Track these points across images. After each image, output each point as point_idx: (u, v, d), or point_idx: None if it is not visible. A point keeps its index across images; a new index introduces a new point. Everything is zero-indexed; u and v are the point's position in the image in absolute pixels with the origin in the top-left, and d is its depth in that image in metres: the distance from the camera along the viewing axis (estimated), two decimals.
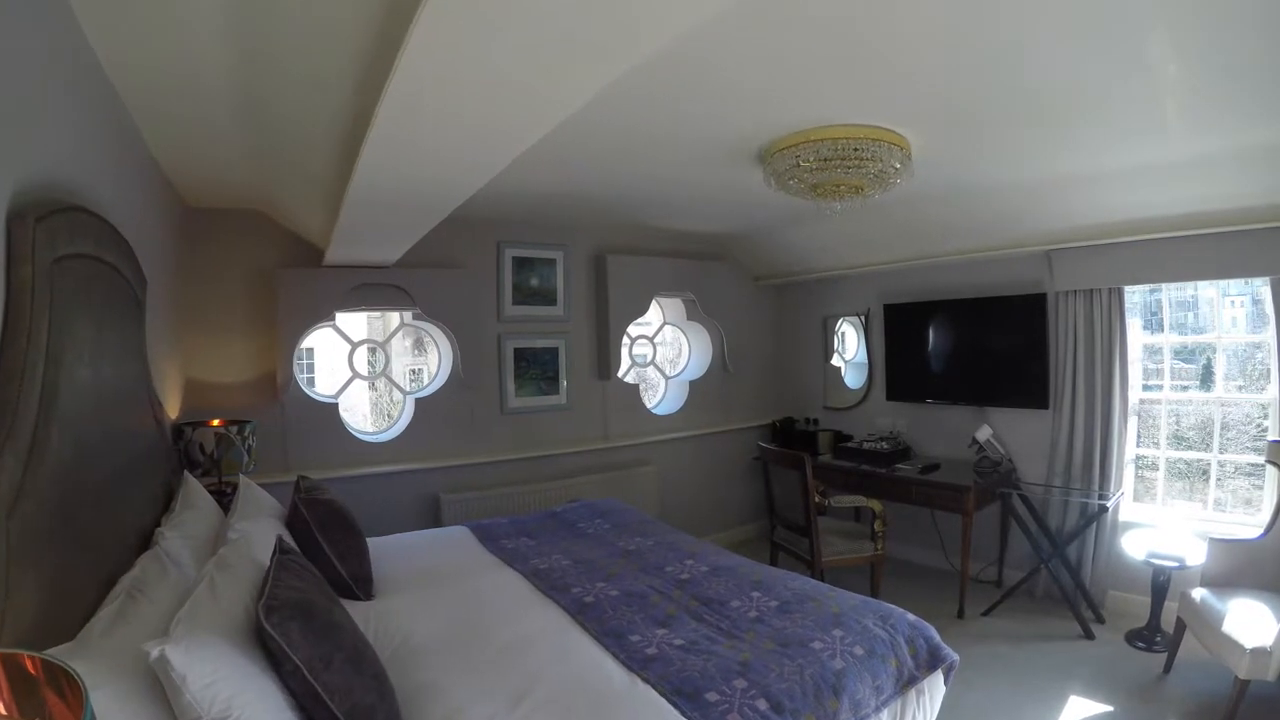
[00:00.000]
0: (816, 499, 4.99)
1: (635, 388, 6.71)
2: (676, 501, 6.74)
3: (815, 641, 2.91)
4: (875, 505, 5.18)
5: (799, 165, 3.68)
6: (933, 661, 3.04)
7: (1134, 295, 5.42)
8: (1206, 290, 5.36)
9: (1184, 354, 5.54)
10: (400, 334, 6.20)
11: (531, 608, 3.30)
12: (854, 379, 7.24)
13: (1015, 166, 4.44)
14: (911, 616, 3.23)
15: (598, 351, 6.36)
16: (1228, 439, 5.27)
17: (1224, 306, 5.21)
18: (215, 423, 4.10)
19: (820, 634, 2.97)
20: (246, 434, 4.17)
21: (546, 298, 6.03)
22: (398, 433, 5.41)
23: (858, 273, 6.79)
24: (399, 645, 2.87)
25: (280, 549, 2.40)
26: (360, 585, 3.42)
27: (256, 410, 4.66)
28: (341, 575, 3.35)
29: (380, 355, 5.76)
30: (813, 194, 3.99)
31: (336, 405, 5.17)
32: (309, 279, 4.85)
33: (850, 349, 7.33)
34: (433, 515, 5.34)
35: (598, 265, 6.32)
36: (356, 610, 2.94)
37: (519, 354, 5.90)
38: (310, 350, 12.99)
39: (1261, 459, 4.77)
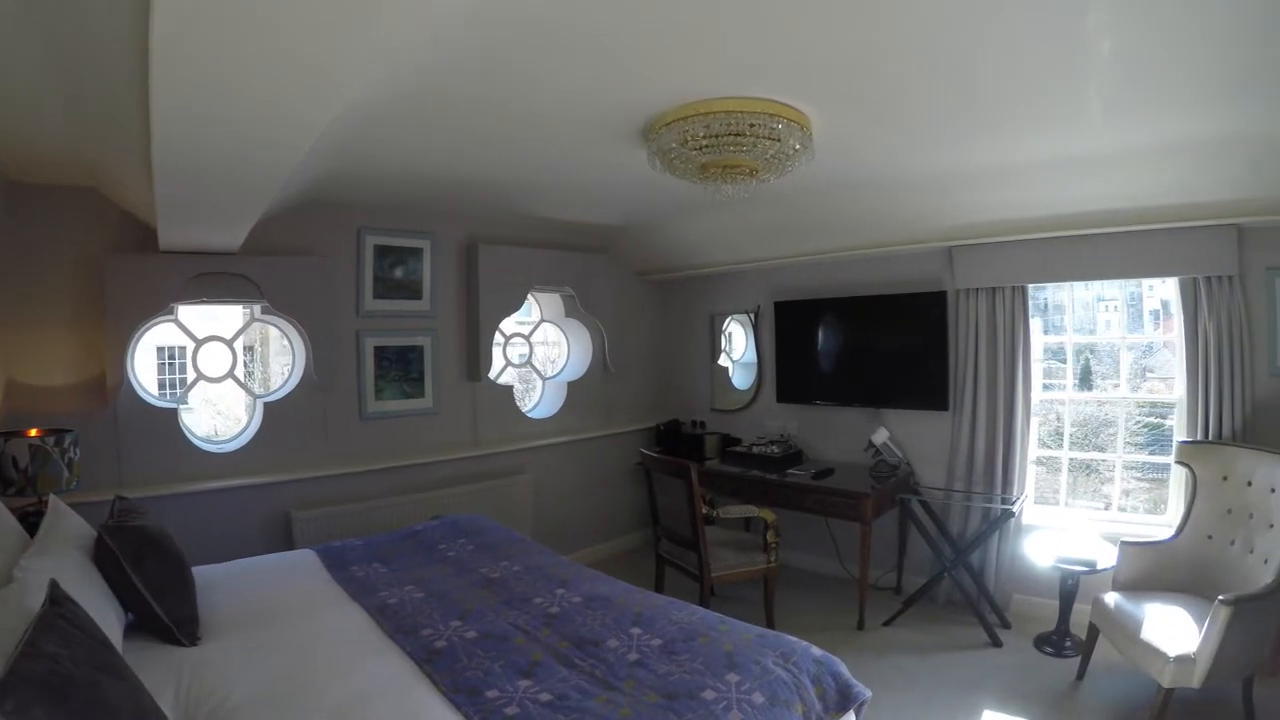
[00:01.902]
0: (704, 510, 4.70)
1: (508, 389, 6.24)
2: (553, 512, 6.30)
3: (707, 690, 2.49)
4: (767, 515, 4.91)
5: (686, 142, 3.27)
6: (843, 702, 2.72)
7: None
8: (1082, 293, 5.52)
9: (1060, 354, 5.56)
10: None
11: (373, 655, 2.79)
12: (742, 380, 6.99)
13: (924, 155, 4.19)
14: (817, 651, 2.87)
15: (467, 350, 5.87)
16: (1108, 437, 5.40)
17: (1097, 310, 5.30)
18: (32, 433, 3.56)
19: (712, 680, 2.56)
20: (66, 445, 3.60)
21: (411, 291, 5.50)
22: (244, 442, 4.81)
23: (748, 268, 6.50)
24: (215, 707, 2.37)
25: (51, 599, 1.92)
26: (183, 628, 2.87)
27: (86, 417, 4.08)
28: (159, 617, 2.83)
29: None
30: (701, 176, 3.61)
31: (175, 411, 4.53)
32: (143, 266, 4.23)
33: (738, 348, 7.06)
34: (284, 535, 4.77)
35: (468, 256, 5.83)
36: (173, 660, 2.63)
37: (380, 353, 5.36)
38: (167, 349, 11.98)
39: (1164, 459, 4.92)
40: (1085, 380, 5.63)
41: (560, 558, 4.01)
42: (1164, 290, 5.45)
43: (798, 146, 3.37)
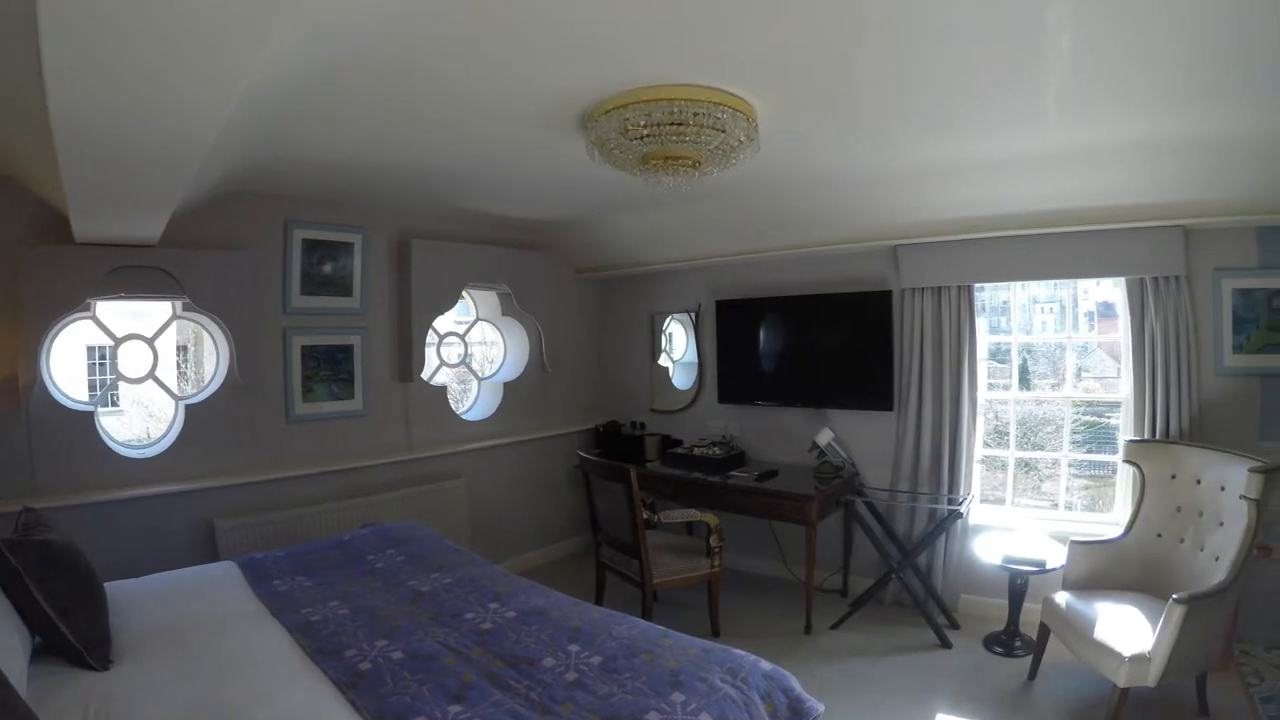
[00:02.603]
0: (644, 514, 4.56)
1: (442, 390, 6.03)
2: (490, 517, 6.10)
3: (651, 712, 2.34)
4: (710, 519, 4.82)
5: (626, 131, 3.10)
6: (795, 718, 2.58)
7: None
8: (1019, 295, 5.53)
9: (999, 355, 5.55)
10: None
11: (294, 680, 2.59)
12: (683, 380, 6.86)
13: (873, 152, 4.09)
14: (766, 665, 2.73)
15: (399, 350, 5.64)
16: (1047, 435, 5.51)
17: (1034, 311, 5.36)
18: None
19: (656, 700, 2.41)
20: None
21: (341, 287, 5.25)
22: (165, 446, 4.53)
23: (689, 267, 6.36)
24: None
25: None
26: (94, 651, 2.66)
27: None
28: (67, 639, 2.62)
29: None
30: (642, 168, 3.44)
31: (92, 414, 4.24)
32: (57, 259, 3.94)
33: (679, 348, 6.92)
34: (207, 545, 4.50)
35: (401, 252, 5.60)
36: (82, 686, 2.45)
37: (308, 352, 5.10)
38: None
39: (1108, 458, 5.00)
40: (1024, 380, 5.64)
41: (495, 568, 3.84)
42: (1099, 293, 5.48)
43: (743, 139, 3.23)
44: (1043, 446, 5.69)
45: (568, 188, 4.95)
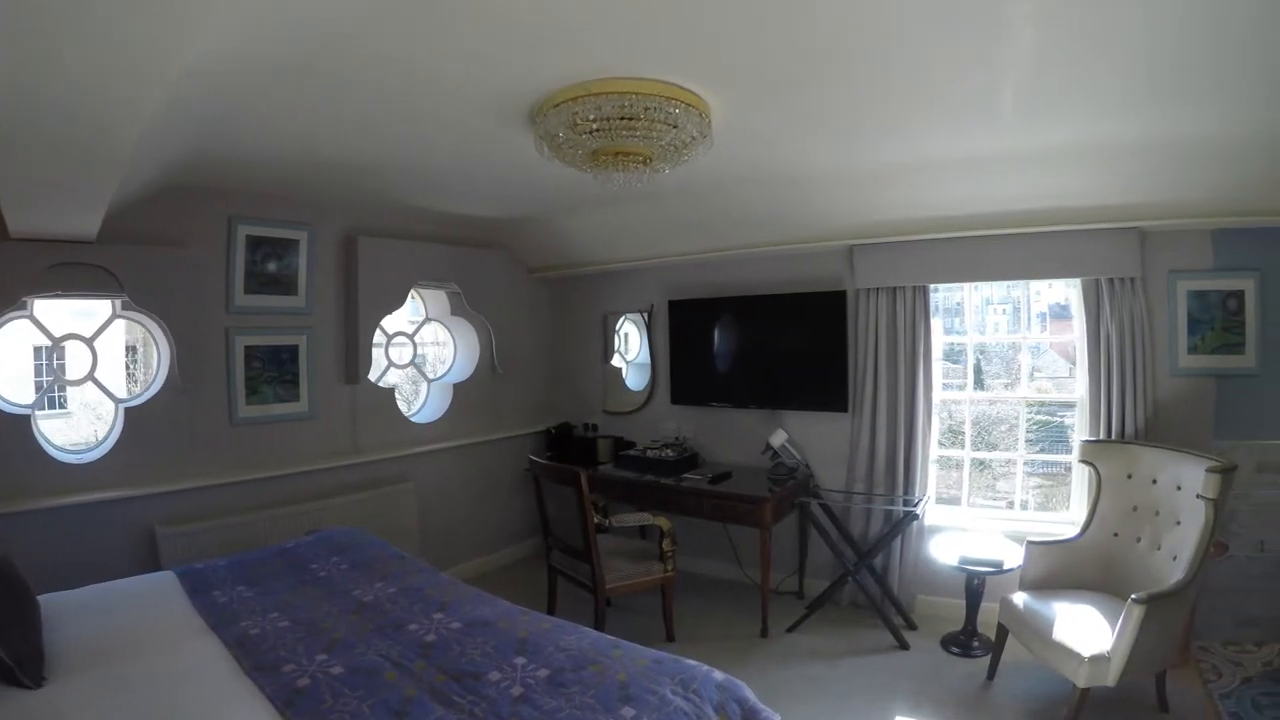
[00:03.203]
0: (596, 519, 4.48)
1: (390, 392, 5.90)
2: (440, 522, 5.97)
3: None
4: (663, 523, 4.74)
5: (575, 125, 3.00)
6: None
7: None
8: (973, 296, 5.47)
9: (954, 355, 5.61)
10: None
11: (229, 700, 2.47)
12: (636, 381, 6.77)
13: (829, 150, 4.02)
14: (719, 675, 2.66)
15: (346, 350, 5.50)
16: (1000, 434, 5.63)
17: (987, 313, 5.35)
18: None
19: (606, 715, 2.32)
20: None
21: (286, 286, 5.09)
22: (105, 451, 4.37)
23: (642, 266, 6.27)
24: None
25: None
26: (26, 668, 2.52)
27: None
28: None
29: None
30: (592, 164, 3.34)
31: (29, 417, 4.07)
32: None
33: (633, 349, 6.83)
34: (148, 554, 4.33)
35: (348, 249, 5.45)
36: (13, 706, 2.35)
37: (252, 353, 4.93)
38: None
39: (1063, 458, 5.13)
40: (978, 380, 5.65)
41: (441, 576, 3.71)
42: (1052, 294, 5.51)
43: (695, 135, 3.15)
44: (997, 445, 5.73)
45: (519, 185, 4.83)
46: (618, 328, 6.84)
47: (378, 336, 5.68)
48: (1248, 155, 3.76)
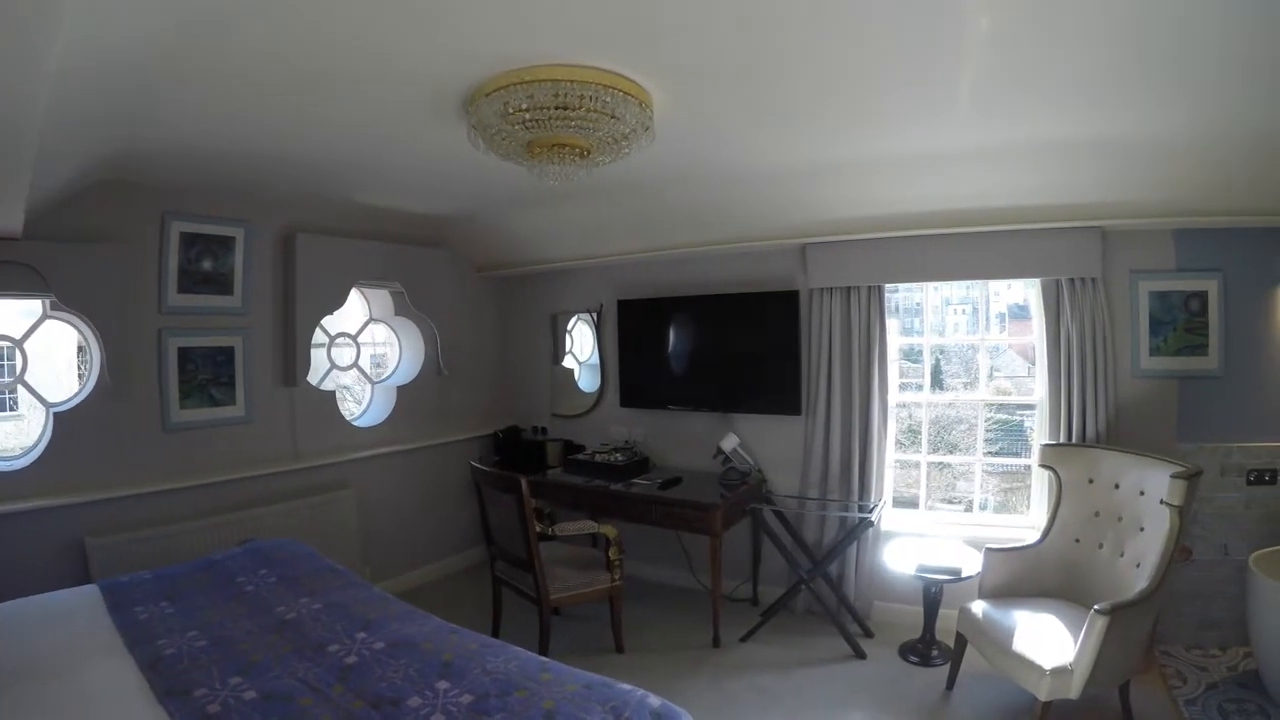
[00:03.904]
0: (539, 528, 4.32)
1: (330, 395, 5.69)
2: (383, 529, 5.77)
3: None
4: (609, 531, 4.59)
5: (508, 114, 2.83)
6: None
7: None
8: (932, 296, 5.47)
9: (913, 355, 5.56)
10: None
11: None
12: (590, 383, 6.60)
13: (781, 145, 3.90)
14: (655, 701, 2.46)
15: (284, 352, 5.29)
16: (960, 434, 5.66)
17: (946, 313, 5.34)
18: None
19: None
20: None
21: (222, 285, 4.87)
22: (34, 458, 4.16)
23: (591, 265, 6.11)
24: None
25: None
26: None
27: None
28: None
29: None
30: (527, 156, 3.17)
31: None
32: None
33: (586, 350, 6.66)
34: (79, 566, 4.11)
35: (287, 247, 5.25)
36: None
37: (185, 355, 4.71)
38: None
39: (1021, 461, 5.05)
40: (936, 380, 5.61)
41: (373, 590, 3.52)
42: (1011, 294, 5.49)
43: (637, 126, 2.99)
44: (957, 445, 5.73)
45: (461, 180, 4.68)
46: (570, 328, 6.69)
47: (320, 338, 5.50)
48: (1210, 154, 3.73)
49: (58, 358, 10.57)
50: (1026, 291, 5.02)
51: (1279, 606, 3.55)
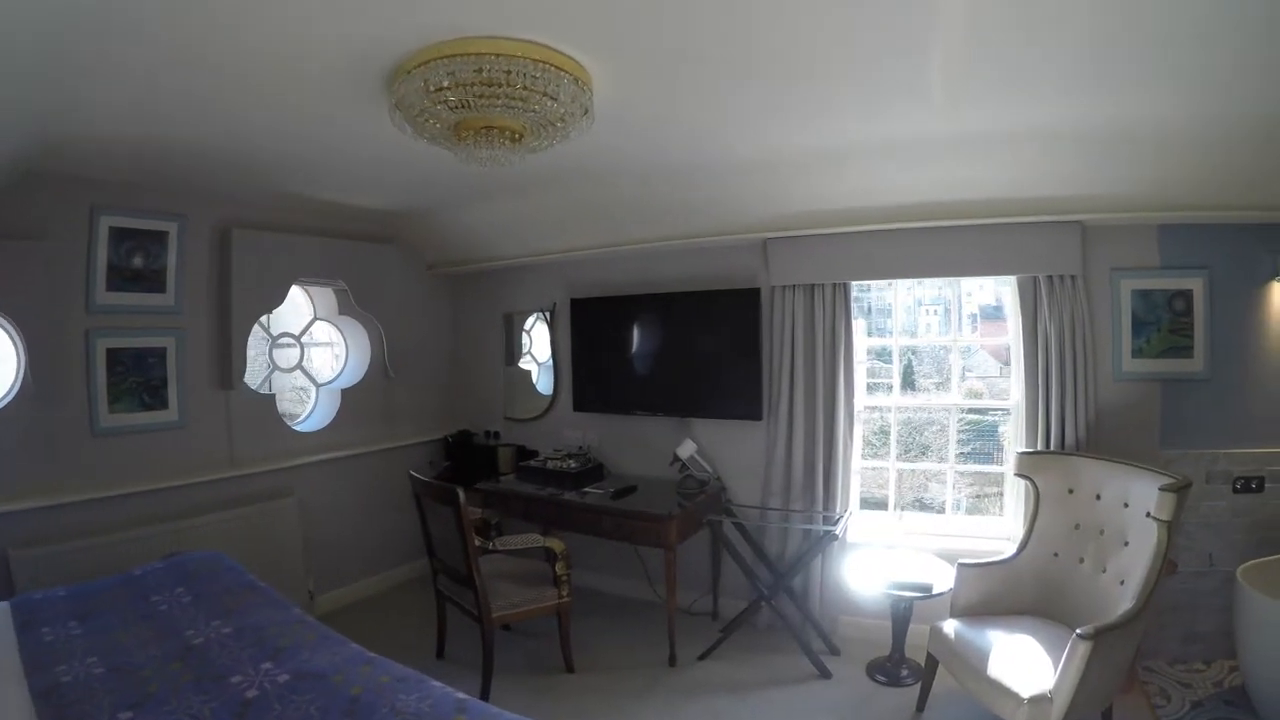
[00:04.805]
0: (479, 541, 4.06)
1: (270, 399, 5.40)
2: (326, 539, 5.49)
3: None
4: (555, 544, 4.32)
5: (431, 92, 2.56)
6: None
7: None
8: (903, 296, 5.37)
9: (883, 356, 5.51)
10: None
11: None
12: (548, 385, 6.34)
13: (739, 134, 3.67)
14: None
15: (220, 353, 5.01)
16: (932, 435, 5.51)
17: (918, 314, 5.26)
18: None
19: None
20: None
21: (154, 282, 4.60)
22: None
23: (544, 262, 5.87)
24: None
25: None
26: None
27: None
28: None
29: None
30: (455, 139, 2.89)
31: None
32: None
33: (544, 350, 6.41)
34: (1, 579, 3.86)
35: (223, 242, 4.97)
36: None
37: (115, 356, 4.44)
38: None
39: (993, 468, 5.00)
40: (907, 381, 5.49)
41: (292, 611, 3.21)
42: (984, 295, 5.40)
43: (574, 109, 2.73)
44: (929, 447, 5.61)
45: (407, 172, 4.44)
46: (529, 328, 6.46)
47: (260, 337, 5.27)
48: (1197, 146, 3.58)
49: None
50: (1000, 290, 4.90)
51: (1268, 621, 3.38)
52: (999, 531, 4.64)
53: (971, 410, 5.37)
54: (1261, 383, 4.14)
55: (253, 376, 5.22)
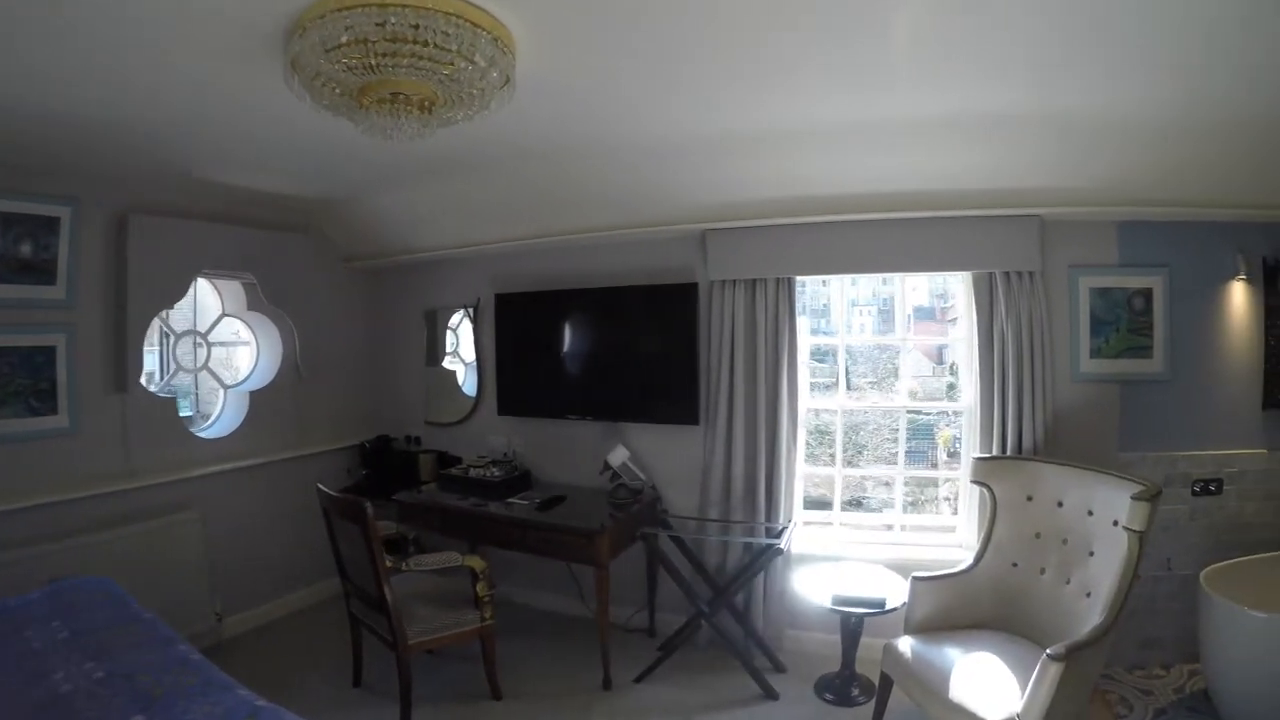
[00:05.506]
0: (389, 561, 3.73)
1: (171, 402, 5.00)
2: (234, 556, 5.07)
3: None
4: (474, 563, 4.00)
5: (326, 51, 2.23)
6: None
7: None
8: (839, 295, 5.16)
9: (820, 356, 5.39)
10: None
11: None
12: (474, 386, 5.99)
13: (678, 112, 3.42)
14: None
15: (116, 352, 4.60)
16: (866, 435, 5.48)
17: (853, 314, 5.13)
18: None
19: None
20: None
21: (43, 274, 4.21)
22: None
23: (468, 254, 5.54)
24: None
25: None
26: None
27: None
28: None
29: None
30: (357, 107, 2.56)
31: None
32: None
33: (470, 349, 6.06)
34: None
35: (120, 230, 4.57)
36: None
37: None
38: None
39: (950, 472, 4.78)
40: (846, 383, 5.29)
41: (175, 648, 2.82)
42: (918, 297, 5.27)
43: (492, 72, 2.41)
44: (864, 446, 5.52)
45: (322, 154, 4.11)
46: (455, 325, 6.11)
47: (165, 335, 4.95)
48: (1162, 138, 3.50)
49: None
50: (947, 288, 4.81)
51: (1233, 626, 3.35)
52: (952, 540, 4.50)
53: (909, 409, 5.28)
54: (1221, 383, 4.12)
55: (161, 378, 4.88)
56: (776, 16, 2.35)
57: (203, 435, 5.21)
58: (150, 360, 4.84)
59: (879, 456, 5.03)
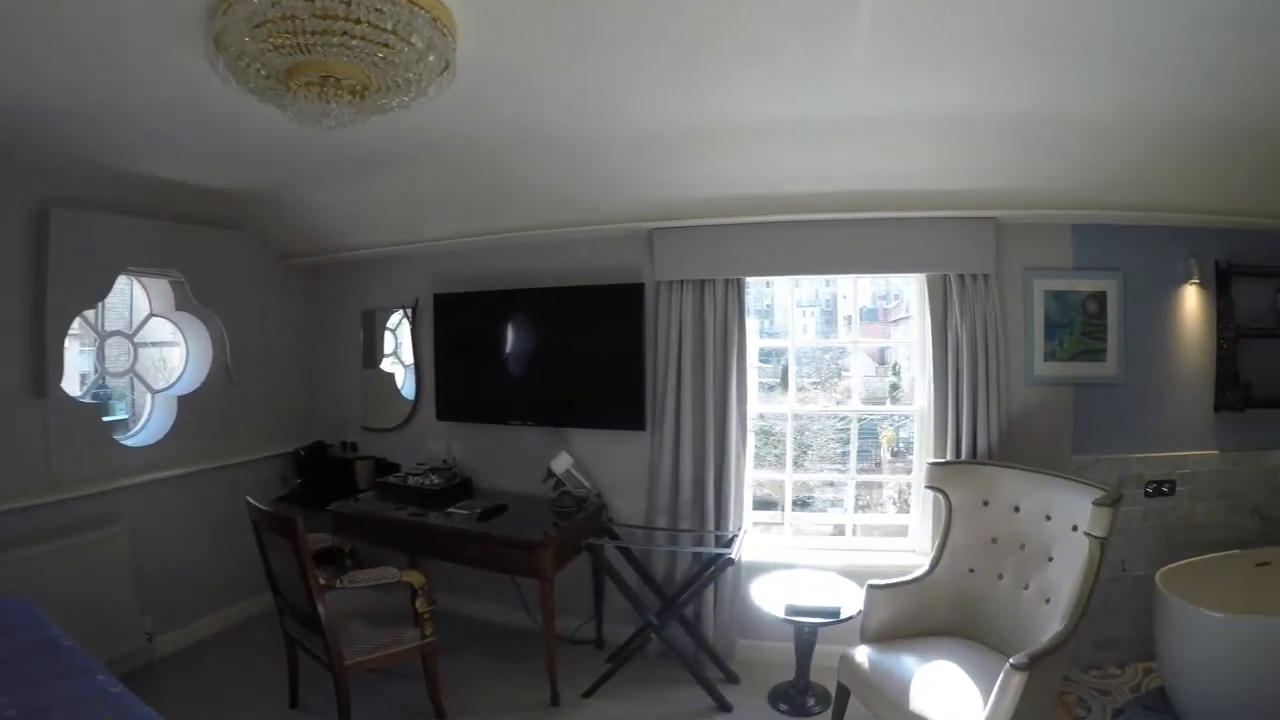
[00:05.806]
0: (323, 579, 3.57)
1: (94, 408, 4.76)
2: (162, 571, 4.82)
3: None
4: (413, 578, 3.82)
5: (251, 28, 2.06)
6: None
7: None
8: (783, 296, 5.21)
9: (764, 355, 5.31)
10: None
11: None
12: (413, 390, 5.83)
13: (624, 107, 3.32)
14: None
15: (33, 354, 4.34)
16: (810, 436, 5.40)
17: (796, 315, 5.10)
18: None
19: None
20: None
21: None
22: None
23: (407, 252, 5.38)
24: None
25: None
26: None
27: None
28: None
29: None
30: (284, 91, 2.39)
31: None
32: None
33: (409, 352, 5.88)
34: None
35: (40, 225, 4.32)
36: None
37: None
38: None
39: (905, 477, 4.76)
40: (786, 383, 5.20)
41: (95, 679, 2.60)
42: (862, 298, 5.22)
43: (430, 56, 2.26)
44: (809, 447, 5.44)
45: (254, 143, 3.88)
46: (394, 326, 5.93)
47: (90, 336, 4.73)
48: (1121, 142, 3.51)
49: None
50: (901, 287, 4.82)
51: (1189, 626, 3.41)
52: (905, 545, 4.49)
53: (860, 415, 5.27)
54: (1174, 386, 4.19)
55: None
56: (731, 6, 2.25)
57: (129, 443, 4.95)
58: (85, 362, 4.60)
59: (823, 456, 5.03)
